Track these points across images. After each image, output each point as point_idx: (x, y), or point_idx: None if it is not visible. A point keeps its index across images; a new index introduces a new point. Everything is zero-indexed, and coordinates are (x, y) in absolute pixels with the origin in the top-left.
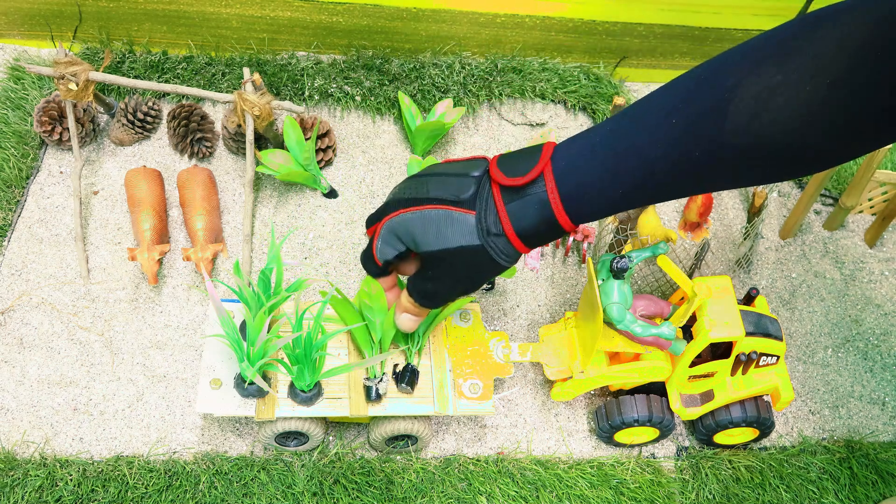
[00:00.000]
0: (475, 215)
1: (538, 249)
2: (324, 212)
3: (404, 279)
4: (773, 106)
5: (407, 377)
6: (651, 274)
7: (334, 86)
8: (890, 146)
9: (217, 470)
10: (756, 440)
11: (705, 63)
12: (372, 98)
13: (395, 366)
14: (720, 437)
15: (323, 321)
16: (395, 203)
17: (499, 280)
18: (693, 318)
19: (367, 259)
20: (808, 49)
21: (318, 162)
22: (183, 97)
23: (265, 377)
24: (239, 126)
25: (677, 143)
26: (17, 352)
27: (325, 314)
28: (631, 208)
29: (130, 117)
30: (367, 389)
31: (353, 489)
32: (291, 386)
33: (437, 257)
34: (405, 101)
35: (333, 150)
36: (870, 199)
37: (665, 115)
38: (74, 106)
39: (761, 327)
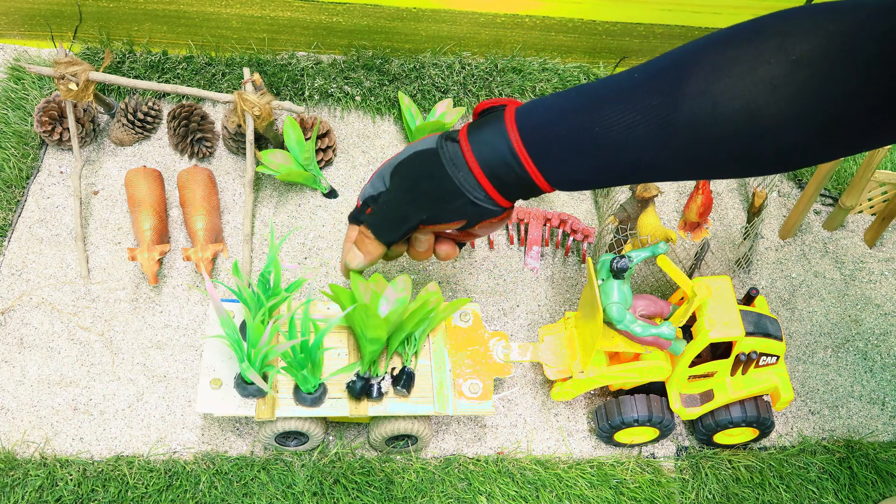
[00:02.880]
0: (440, 135)
1: (538, 250)
2: (324, 212)
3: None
4: (734, 71)
5: (403, 380)
6: (651, 274)
7: (334, 86)
8: (890, 146)
9: (217, 470)
10: (756, 440)
11: (681, 45)
12: (372, 98)
13: (393, 369)
14: (720, 437)
15: (320, 320)
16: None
17: (499, 280)
18: (693, 318)
19: (354, 209)
20: (777, 27)
21: (318, 162)
22: (183, 97)
23: (265, 377)
24: (239, 126)
25: (635, 92)
26: (17, 352)
27: (325, 314)
28: (596, 174)
29: (130, 117)
30: (370, 388)
31: (353, 489)
32: (296, 390)
33: (396, 171)
34: (405, 101)
35: (333, 150)
36: (869, 199)
37: (630, 72)
38: (74, 106)
39: (761, 327)
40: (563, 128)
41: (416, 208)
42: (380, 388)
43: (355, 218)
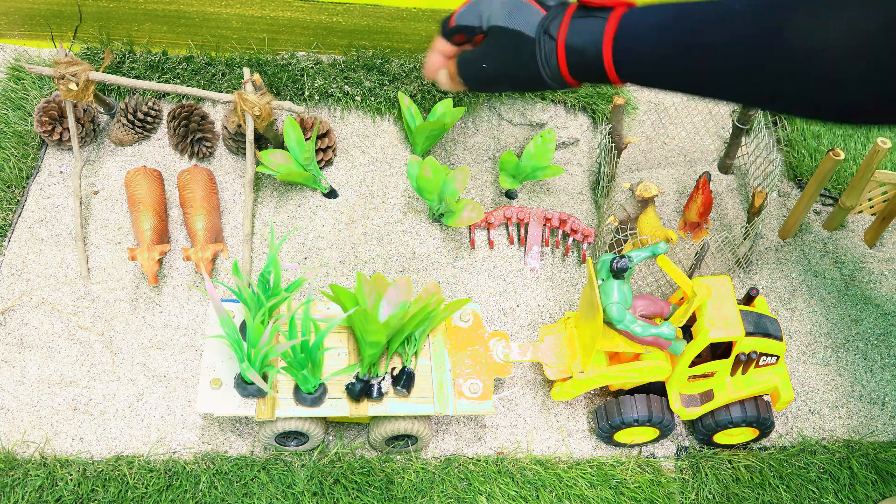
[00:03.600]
0: (545, 14)
1: (538, 250)
2: (324, 212)
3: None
4: (834, 24)
5: (403, 380)
6: (651, 274)
7: (334, 86)
8: (889, 146)
9: (217, 470)
10: (756, 440)
11: None
12: (372, 98)
13: (393, 369)
14: (720, 437)
15: (320, 320)
16: None
17: (499, 280)
18: (693, 318)
19: (445, 19)
20: None
21: (318, 162)
22: (183, 97)
23: (265, 377)
24: (239, 126)
25: (735, 22)
26: (17, 352)
27: (325, 314)
28: (667, 80)
29: (130, 117)
30: (370, 388)
31: (353, 489)
32: (296, 390)
33: (495, 32)
34: (405, 101)
35: (333, 150)
36: (870, 199)
37: (731, 2)
38: (74, 106)
39: (761, 327)
40: (657, 46)
41: (506, 84)
42: (380, 389)
43: (445, 33)
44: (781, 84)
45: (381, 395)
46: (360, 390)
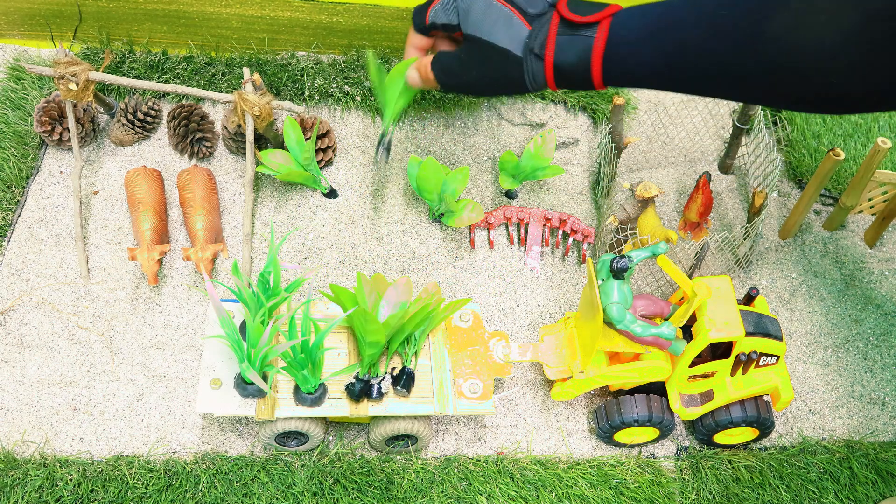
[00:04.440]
0: (530, 31)
1: (538, 250)
2: (324, 212)
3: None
4: (812, 23)
5: (403, 380)
6: (651, 274)
7: (334, 86)
8: (889, 146)
9: (217, 470)
10: (756, 440)
11: None
12: (372, 98)
13: (393, 369)
14: (720, 437)
15: (320, 320)
16: None
17: (499, 280)
18: (693, 318)
19: (419, 12)
20: None
21: (318, 162)
22: (183, 97)
23: (265, 377)
24: (239, 126)
25: (718, 30)
26: (17, 352)
27: (325, 314)
28: (656, 86)
29: (130, 117)
30: (369, 388)
31: (353, 489)
32: (296, 390)
33: (478, 43)
34: (374, 62)
35: (333, 150)
36: (870, 199)
37: (717, 4)
38: (74, 106)
39: (761, 327)
40: (647, 53)
41: (488, 92)
42: (380, 389)
43: (419, 28)
44: (767, 81)
45: (381, 395)
46: (360, 390)
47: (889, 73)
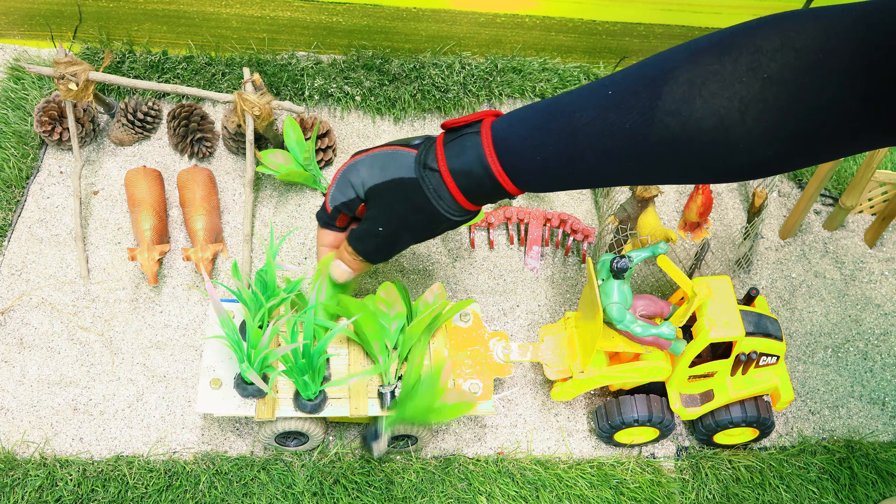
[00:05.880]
0: (417, 153)
1: (538, 250)
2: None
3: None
4: (705, 92)
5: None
6: (651, 274)
7: (334, 86)
8: (890, 146)
9: (217, 470)
10: (756, 440)
11: (654, 55)
12: (372, 98)
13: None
14: (720, 437)
15: (320, 322)
16: (354, 154)
17: (499, 280)
18: (693, 318)
19: (320, 210)
20: (749, 44)
21: (318, 162)
22: (183, 97)
23: (265, 378)
24: (239, 126)
25: (608, 112)
26: (17, 352)
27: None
28: (566, 184)
29: (130, 117)
30: (381, 396)
31: (353, 489)
32: (296, 395)
33: (375, 193)
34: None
35: (333, 150)
36: (870, 199)
37: (604, 87)
38: (74, 106)
39: (761, 327)
40: (538, 149)
41: (408, 237)
42: (392, 395)
43: (325, 222)
44: (673, 162)
45: (394, 402)
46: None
47: (789, 135)
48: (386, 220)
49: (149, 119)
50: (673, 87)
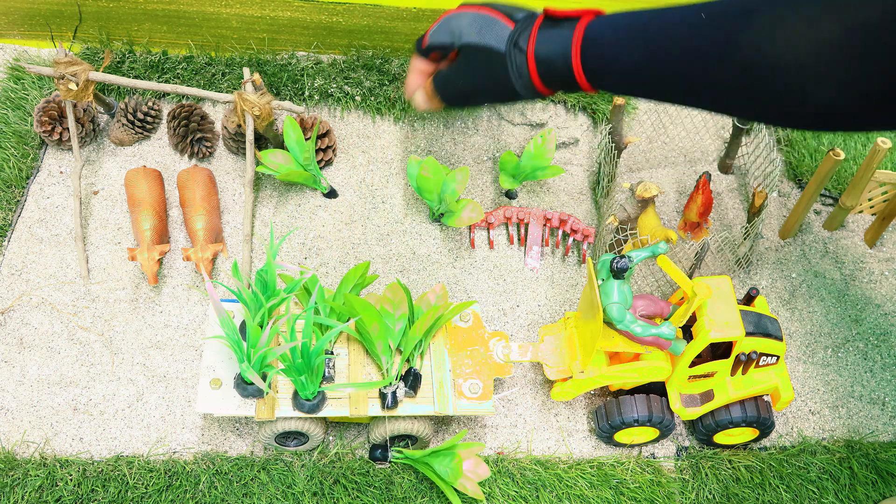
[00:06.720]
0: (514, 28)
1: (538, 250)
2: (324, 212)
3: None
4: (788, 30)
5: (410, 381)
6: (651, 274)
7: (334, 86)
8: (889, 146)
9: (217, 470)
10: (756, 440)
11: None
12: (372, 98)
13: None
14: (720, 437)
15: (320, 321)
16: (461, 4)
17: (499, 280)
18: (693, 318)
19: (420, 39)
20: None
21: (318, 162)
22: (183, 97)
23: (264, 377)
24: (239, 126)
25: (698, 31)
26: (17, 352)
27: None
28: (636, 85)
29: (130, 117)
30: (383, 396)
31: (353, 489)
32: (295, 395)
33: (466, 50)
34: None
35: (333, 150)
36: (870, 199)
37: (699, 9)
38: (74, 106)
39: (761, 327)
40: (626, 54)
41: (483, 98)
42: (394, 396)
43: (420, 52)
44: (745, 94)
45: (395, 403)
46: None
47: (866, 90)
48: (468, 77)
49: (149, 119)
50: (763, 20)
